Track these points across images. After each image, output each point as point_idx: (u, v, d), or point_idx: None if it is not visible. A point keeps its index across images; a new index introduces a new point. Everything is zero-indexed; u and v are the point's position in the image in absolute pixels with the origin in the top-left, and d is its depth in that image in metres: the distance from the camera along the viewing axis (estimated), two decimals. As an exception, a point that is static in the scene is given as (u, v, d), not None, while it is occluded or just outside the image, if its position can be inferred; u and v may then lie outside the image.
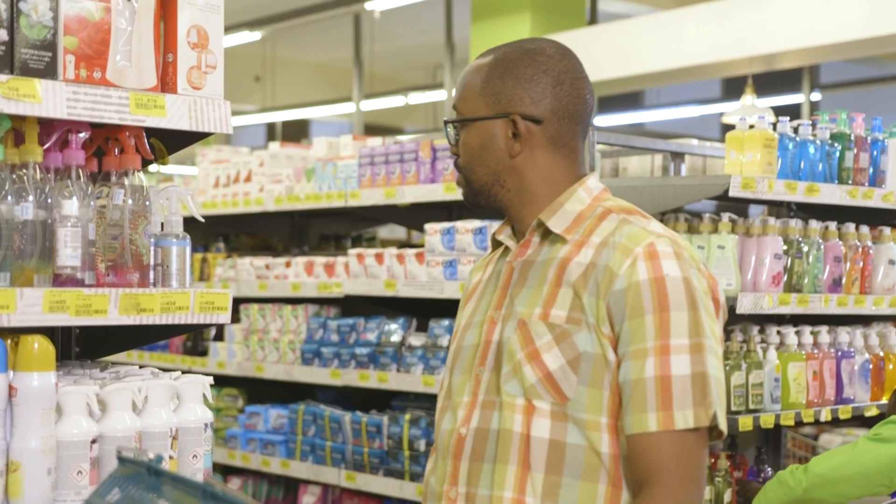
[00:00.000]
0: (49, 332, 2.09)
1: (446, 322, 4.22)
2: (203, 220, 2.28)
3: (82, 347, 2.40)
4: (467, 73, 1.95)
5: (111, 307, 1.95)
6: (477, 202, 1.95)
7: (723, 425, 1.75)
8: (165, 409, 2.00)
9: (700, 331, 1.74)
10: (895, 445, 2.85)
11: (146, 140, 2.07)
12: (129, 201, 2.01)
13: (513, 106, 1.88)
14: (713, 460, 3.42)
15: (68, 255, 1.92)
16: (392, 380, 4.29)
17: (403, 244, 6.54)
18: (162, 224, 2.13)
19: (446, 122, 1.97)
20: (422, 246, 4.59)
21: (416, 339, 4.30)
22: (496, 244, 2.02)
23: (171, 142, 2.22)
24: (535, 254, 1.90)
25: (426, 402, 4.58)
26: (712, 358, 1.74)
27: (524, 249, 1.92)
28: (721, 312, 1.83)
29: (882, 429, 2.92)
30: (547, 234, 1.90)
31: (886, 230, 3.82)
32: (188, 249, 2.11)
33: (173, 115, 2.03)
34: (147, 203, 2.04)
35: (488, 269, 2.03)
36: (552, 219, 1.88)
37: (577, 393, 1.76)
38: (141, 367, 2.18)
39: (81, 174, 2.00)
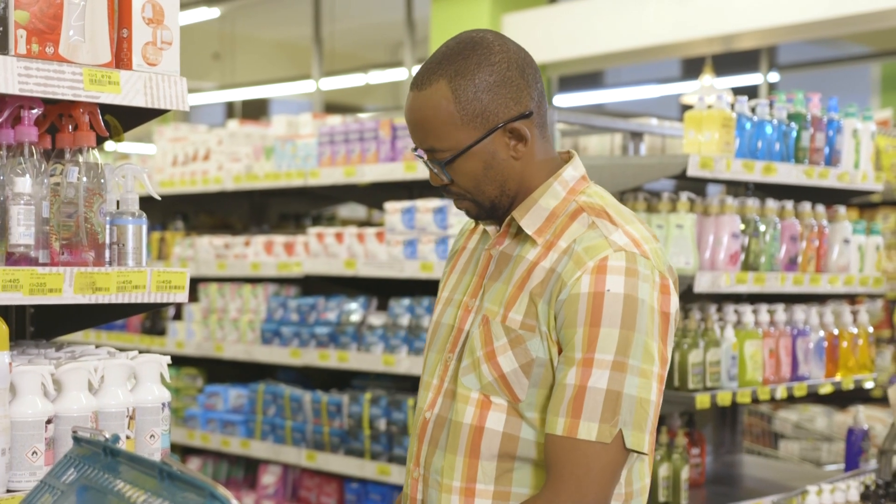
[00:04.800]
0: (3, 311, 2.06)
1: (406, 301, 4.22)
2: (159, 199, 2.26)
3: (37, 327, 2.38)
4: (426, 110, 1.80)
5: (66, 286, 1.93)
6: (494, 216, 1.89)
7: (633, 445, 1.72)
8: (122, 389, 1.99)
9: (627, 350, 1.72)
10: None
11: (101, 117, 2.04)
12: (84, 179, 1.98)
13: (501, 116, 1.81)
14: (670, 437, 3.45)
15: (21, 233, 1.90)
16: (352, 359, 4.28)
17: (364, 223, 6.53)
18: (118, 202, 2.11)
19: (430, 163, 1.84)
20: (382, 225, 4.58)
21: (377, 319, 4.30)
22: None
23: (127, 119, 2.19)
24: (511, 247, 1.89)
25: (386, 381, 4.58)
26: (635, 378, 1.72)
27: (501, 239, 1.90)
28: (671, 325, 1.80)
29: None
30: (521, 229, 1.88)
31: (841, 209, 3.86)
32: (144, 228, 2.09)
33: (128, 91, 2.00)
34: (102, 181, 2.02)
35: (472, 239, 2.02)
36: (525, 217, 1.85)
37: (528, 395, 1.81)
38: (98, 346, 2.16)
39: (35, 151, 1.97)
